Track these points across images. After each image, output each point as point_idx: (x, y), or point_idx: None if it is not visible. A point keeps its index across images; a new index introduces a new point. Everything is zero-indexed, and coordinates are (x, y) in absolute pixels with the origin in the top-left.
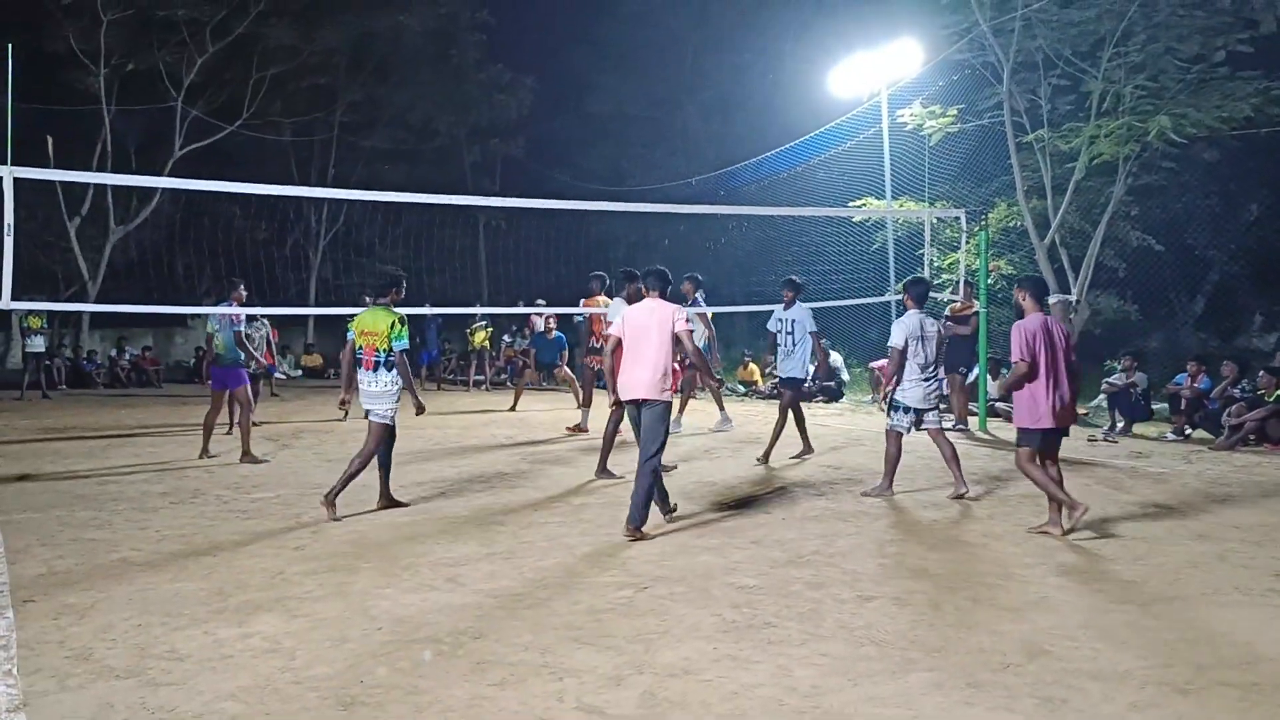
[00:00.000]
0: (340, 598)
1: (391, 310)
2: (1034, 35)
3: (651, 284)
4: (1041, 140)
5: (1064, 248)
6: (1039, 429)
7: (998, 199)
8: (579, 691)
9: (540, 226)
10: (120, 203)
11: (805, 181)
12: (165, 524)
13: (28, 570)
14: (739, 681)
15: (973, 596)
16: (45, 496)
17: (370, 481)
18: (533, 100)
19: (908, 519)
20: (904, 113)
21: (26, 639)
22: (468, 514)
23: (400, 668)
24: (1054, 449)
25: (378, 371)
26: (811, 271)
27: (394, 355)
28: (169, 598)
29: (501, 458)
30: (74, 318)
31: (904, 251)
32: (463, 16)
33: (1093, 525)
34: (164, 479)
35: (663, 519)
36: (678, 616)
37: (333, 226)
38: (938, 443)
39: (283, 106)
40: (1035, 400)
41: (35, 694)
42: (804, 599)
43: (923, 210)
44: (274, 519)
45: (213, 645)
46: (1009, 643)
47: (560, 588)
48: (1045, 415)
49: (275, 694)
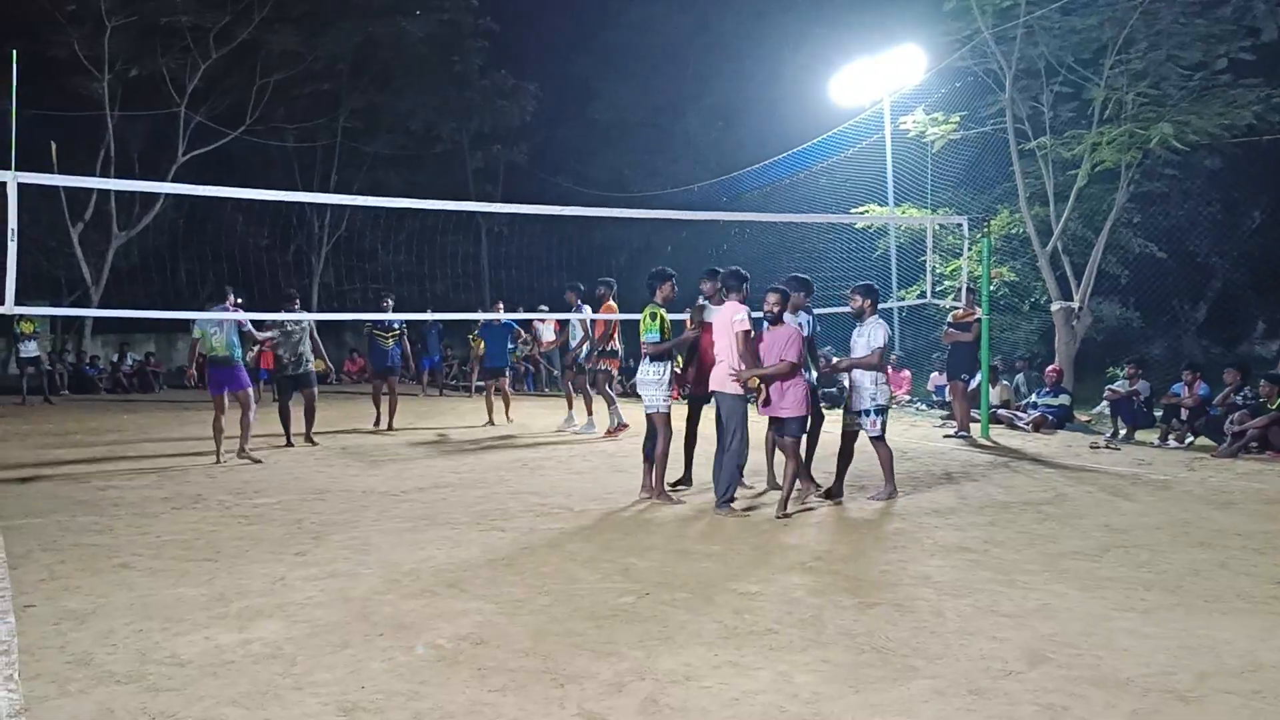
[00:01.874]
0: (341, 603)
1: None
2: (1036, 43)
3: (730, 285)
4: (1044, 147)
5: (1066, 254)
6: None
7: (999, 205)
8: (580, 698)
9: (543, 232)
10: (123, 208)
11: (807, 188)
12: (166, 529)
13: (29, 575)
14: (740, 688)
15: (974, 603)
16: (46, 501)
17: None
18: (535, 106)
19: (910, 525)
20: (906, 120)
21: (27, 644)
22: (469, 520)
23: (401, 673)
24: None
25: None
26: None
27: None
28: (170, 603)
29: (501, 461)
30: (77, 323)
31: (906, 258)
32: (466, 23)
33: (1094, 533)
34: (165, 484)
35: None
36: (679, 623)
37: (335, 232)
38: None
39: (285, 112)
40: None
41: (36, 699)
42: (805, 605)
43: (925, 217)
44: (276, 525)
45: (214, 651)
46: (1010, 650)
47: (561, 594)
48: None
49: (276, 699)
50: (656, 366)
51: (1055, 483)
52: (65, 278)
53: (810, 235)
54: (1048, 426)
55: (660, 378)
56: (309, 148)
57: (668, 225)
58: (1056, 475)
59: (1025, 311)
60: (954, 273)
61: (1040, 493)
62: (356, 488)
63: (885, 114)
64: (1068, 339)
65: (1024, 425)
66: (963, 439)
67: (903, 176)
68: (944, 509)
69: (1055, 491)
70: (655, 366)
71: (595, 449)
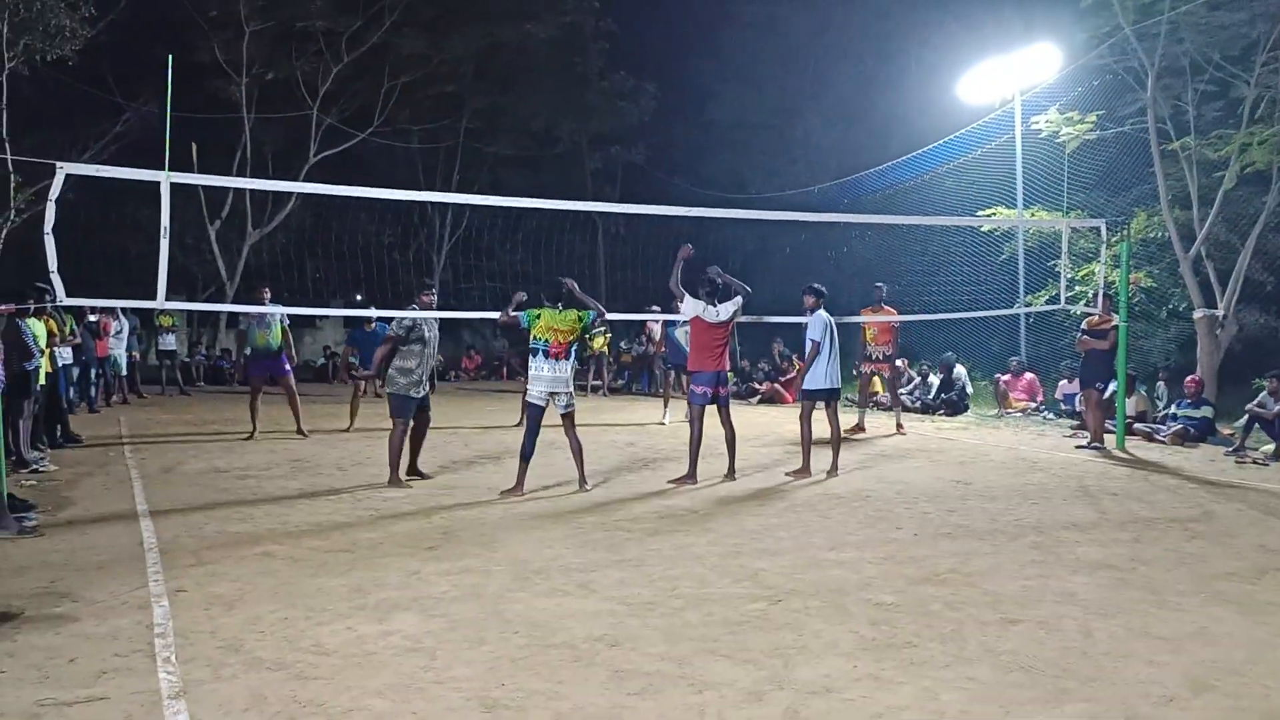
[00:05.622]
0: (475, 600)
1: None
2: (1181, 39)
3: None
4: (1187, 148)
5: (1209, 260)
6: None
7: (1136, 208)
8: (720, 705)
9: (659, 233)
10: (257, 207)
11: (931, 190)
12: (303, 519)
13: (178, 561)
14: (883, 703)
15: (1125, 624)
16: (190, 490)
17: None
18: (654, 107)
19: (1047, 539)
20: (1039, 119)
21: (181, 628)
22: (594, 519)
23: (539, 672)
24: None
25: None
26: (936, 282)
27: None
28: (312, 592)
29: (622, 460)
30: (212, 317)
31: (1034, 262)
32: (587, 25)
33: (1249, 554)
34: (298, 476)
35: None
36: (814, 631)
37: (455, 231)
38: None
39: (411, 114)
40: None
41: (193, 682)
42: (944, 619)
43: (1059, 219)
44: (406, 519)
45: (356, 641)
46: (1169, 675)
47: (692, 598)
48: None
49: (419, 693)
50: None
51: (1201, 499)
52: (201, 274)
53: (933, 238)
54: (1189, 440)
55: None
56: (433, 148)
57: (786, 227)
58: (1202, 491)
59: (1162, 319)
60: (1085, 278)
61: (1186, 509)
62: (481, 484)
63: (1016, 113)
64: (1210, 348)
65: (1163, 438)
66: (1096, 450)
67: (1032, 178)
68: (1083, 524)
69: (1202, 508)
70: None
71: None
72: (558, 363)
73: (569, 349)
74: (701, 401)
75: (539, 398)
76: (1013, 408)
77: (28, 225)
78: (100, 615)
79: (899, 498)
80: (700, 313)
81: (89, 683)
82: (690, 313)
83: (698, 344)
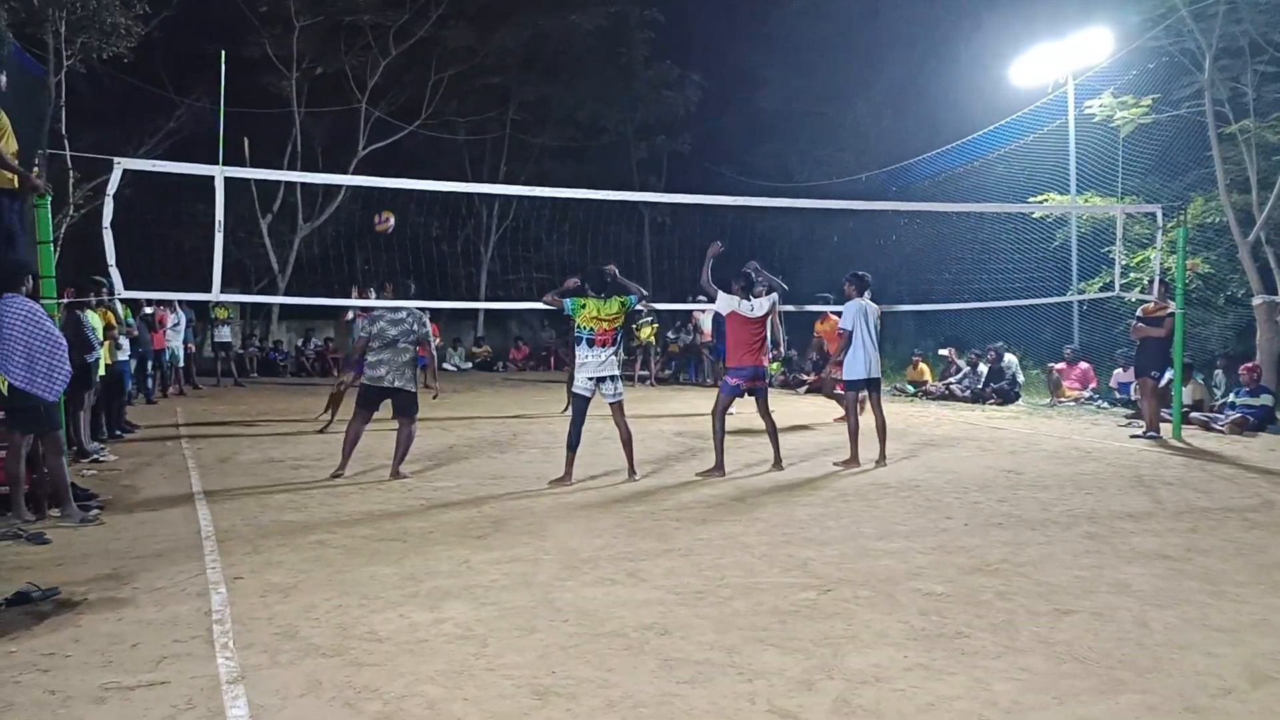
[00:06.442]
0: (525, 588)
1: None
2: (1239, 19)
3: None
4: (1246, 131)
5: (1269, 245)
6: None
7: (1193, 193)
8: (769, 694)
9: (705, 223)
10: (308, 200)
11: (981, 176)
12: (356, 508)
13: (235, 549)
14: (934, 693)
15: (1181, 615)
16: (245, 479)
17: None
18: (700, 97)
19: (1101, 529)
20: (1092, 103)
21: (238, 614)
22: (643, 509)
23: (589, 660)
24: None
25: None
26: (986, 269)
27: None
28: (365, 580)
29: (669, 452)
30: (264, 310)
31: (1087, 249)
32: (633, 15)
33: None
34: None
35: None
36: (864, 621)
37: (503, 222)
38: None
39: (458, 106)
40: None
41: (250, 668)
42: (996, 609)
43: (1113, 205)
44: (456, 508)
45: (408, 628)
46: (1228, 666)
47: (741, 587)
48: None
49: (472, 679)
50: None
51: (1260, 488)
52: (254, 266)
53: (983, 225)
54: (1248, 429)
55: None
56: (479, 140)
57: (833, 216)
58: (1261, 480)
59: (1220, 306)
60: (1140, 264)
61: (1244, 499)
62: (530, 474)
63: (1069, 97)
64: (1270, 335)
65: (1221, 427)
66: (1152, 439)
67: (1086, 163)
68: (1138, 513)
69: (1261, 498)
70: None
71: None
72: (604, 350)
73: (615, 337)
74: (732, 392)
75: (584, 387)
76: (1066, 396)
77: (86, 220)
78: (160, 602)
79: (949, 487)
80: (736, 307)
81: (150, 668)
82: (725, 307)
83: (735, 339)
